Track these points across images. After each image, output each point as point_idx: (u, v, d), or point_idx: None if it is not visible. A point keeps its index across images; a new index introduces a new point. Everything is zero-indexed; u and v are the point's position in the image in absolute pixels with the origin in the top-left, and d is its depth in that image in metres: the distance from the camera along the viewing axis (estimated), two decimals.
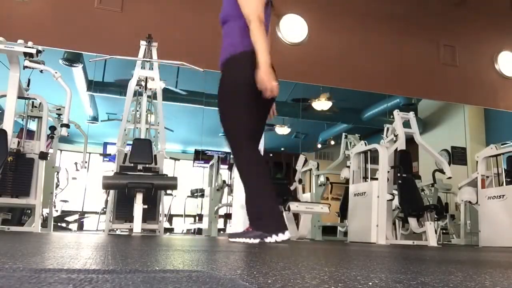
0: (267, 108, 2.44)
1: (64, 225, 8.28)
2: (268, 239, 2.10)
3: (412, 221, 5.02)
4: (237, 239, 2.19)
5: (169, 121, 6.27)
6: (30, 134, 5.00)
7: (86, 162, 6.55)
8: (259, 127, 2.41)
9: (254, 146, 2.27)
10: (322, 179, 7.44)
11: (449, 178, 5.15)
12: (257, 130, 2.38)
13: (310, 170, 7.33)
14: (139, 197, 4.17)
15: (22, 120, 4.88)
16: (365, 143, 5.63)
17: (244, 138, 2.25)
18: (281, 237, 2.11)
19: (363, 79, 6.87)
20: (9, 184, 3.92)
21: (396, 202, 5.22)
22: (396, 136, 5.28)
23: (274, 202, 2.23)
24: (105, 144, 8.98)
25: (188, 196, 8.61)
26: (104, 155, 8.53)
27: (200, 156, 8.94)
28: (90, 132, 7.55)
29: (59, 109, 5.50)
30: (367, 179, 5.51)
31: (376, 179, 5.04)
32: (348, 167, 5.82)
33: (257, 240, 2.11)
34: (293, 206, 4.93)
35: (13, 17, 5.42)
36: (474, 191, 5.39)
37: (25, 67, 3.77)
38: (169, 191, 5.95)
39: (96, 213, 8.13)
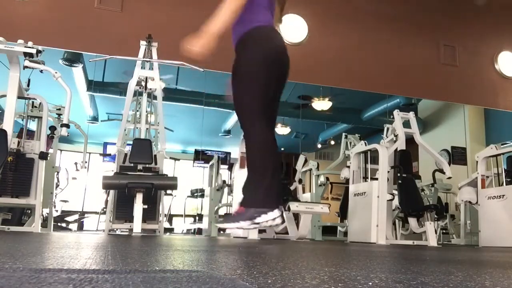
0: (281, 87, 2.33)
1: (64, 225, 8.28)
2: (258, 220, 1.93)
3: (412, 221, 5.02)
4: (228, 225, 2.00)
5: (169, 121, 6.26)
6: (30, 134, 5.00)
7: (86, 162, 6.55)
8: (271, 109, 2.27)
9: (264, 125, 2.15)
10: (322, 179, 7.43)
11: (449, 178, 5.15)
12: (270, 112, 2.23)
13: (310, 170, 7.33)
14: (139, 197, 4.17)
15: (22, 120, 4.87)
16: (365, 143, 5.63)
17: (256, 121, 2.14)
18: (271, 215, 1.94)
19: (363, 79, 6.86)
20: (9, 184, 3.92)
21: (396, 202, 5.22)
22: (396, 136, 5.27)
23: (273, 184, 2.05)
24: (105, 144, 8.98)
25: (188, 196, 8.61)
26: (104, 155, 8.53)
27: (200, 156, 8.93)
28: (90, 132, 7.55)
29: (59, 109, 5.50)
30: (367, 179, 5.51)
31: (376, 179, 5.03)
32: (348, 167, 5.81)
33: (247, 223, 1.93)
34: (293, 206, 4.93)
35: (13, 17, 5.42)
36: (474, 191, 5.39)
37: (25, 67, 3.77)
38: (169, 191, 5.94)
39: (96, 213, 8.13)
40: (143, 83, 4.99)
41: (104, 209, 5.91)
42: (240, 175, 5.03)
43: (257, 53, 2.21)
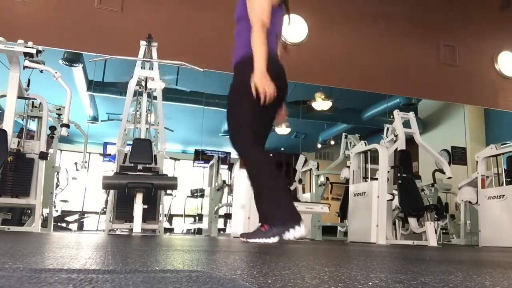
0: (275, 111, 2.42)
1: (64, 225, 8.28)
2: (286, 236, 2.07)
3: (412, 221, 5.02)
4: (255, 240, 2.13)
5: (169, 121, 6.27)
6: (30, 134, 5.00)
7: (86, 162, 6.55)
8: (264, 131, 2.39)
9: (260, 148, 2.28)
10: (322, 179, 7.43)
11: (449, 178, 5.15)
12: (262, 134, 2.36)
13: (310, 170, 7.33)
14: (139, 197, 4.17)
15: (22, 120, 4.87)
16: (365, 143, 5.63)
17: (250, 143, 2.24)
18: (298, 230, 2.08)
19: (363, 79, 6.86)
20: (9, 184, 3.92)
21: (396, 202, 5.22)
22: (396, 136, 5.27)
23: (290, 198, 2.22)
24: (105, 144, 8.98)
25: (188, 196, 8.61)
26: (104, 155, 8.53)
27: (200, 156, 8.94)
28: (90, 132, 7.55)
29: (59, 109, 5.50)
30: (367, 179, 5.51)
31: (376, 179, 5.03)
32: (348, 167, 5.81)
33: (276, 239, 2.08)
34: None
35: (13, 17, 5.42)
36: (474, 191, 5.39)
37: (25, 67, 3.77)
38: (169, 191, 5.95)
39: (96, 213, 8.14)
40: (143, 83, 4.99)
41: (104, 209, 5.91)
42: (240, 175, 5.03)
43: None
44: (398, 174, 5.07)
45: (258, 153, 2.24)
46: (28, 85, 4.34)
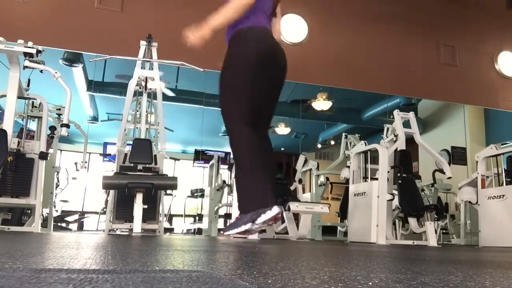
0: (271, 90, 2.31)
1: (64, 225, 8.28)
2: (259, 220, 1.97)
3: (412, 221, 5.02)
4: (230, 232, 2.05)
5: (169, 121, 6.26)
6: (30, 134, 5.00)
7: (86, 162, 6.54)
8: (260, 109, 2.22)
9: (250, 129, 2.10)
10: (322, 179, 7.43)
11: (449, 178, 5.15)
12: (256, 112, 2.17)
13: (310, 170, 7.33)
14: (139, 197, 4.17)
15: (22, 120, 4.87)
16: (365, 143, 5.63)
17: (238, 122, 2.11)
18: (268, 213, 1.97)
19: (363, 79, 6.86)
20: (9, 184, 3.92)
21: (396, 202, 5.22)
22: (396, 136, 5.27)
23: (265, 182, 2.07)
24: (105, 144, 8.98)
25: (188, 196, 8.61)
26: (104, 155, 8.53)
27: (200, 156, 8.94)
28: (90, 132, 7.55)
29: (59, 109, 5.50)
30: (367, 179, 5.51)
31: (376, 179, 5.03)
32: (348, 167, 5.82)
33: (249, 225, 1.98)
34: (293, 206, 4.93)
35: (13, 17, 5.42)
36: (474, 191, 5.39)
37: (25, 67, 3.77)
38: (169, 191, 5.94)
39: (96, 213, 8.13)
40: (143, 83, 4.99)
41: (104, 209, 5.91)
42: None
43: (245, 51, 2.19)
44: (398, 174, 5.07)
45: (242, 132, 2.09)
46: (28, 85, 4.34)
